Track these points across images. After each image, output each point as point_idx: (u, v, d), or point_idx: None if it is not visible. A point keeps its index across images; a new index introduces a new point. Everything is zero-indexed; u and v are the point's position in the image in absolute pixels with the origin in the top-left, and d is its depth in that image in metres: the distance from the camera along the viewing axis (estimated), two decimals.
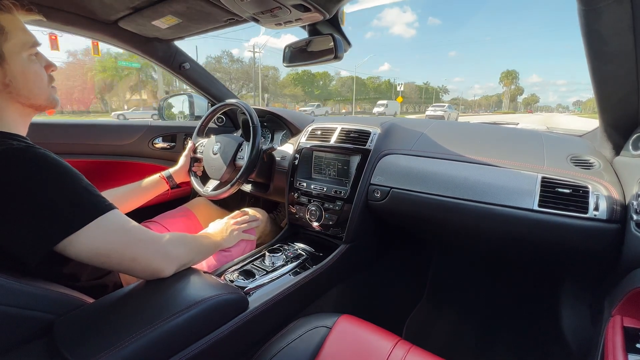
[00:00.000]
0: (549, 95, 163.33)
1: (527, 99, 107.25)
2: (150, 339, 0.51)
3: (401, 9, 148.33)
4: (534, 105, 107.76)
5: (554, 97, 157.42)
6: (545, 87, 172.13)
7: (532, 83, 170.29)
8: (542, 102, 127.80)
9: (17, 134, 0.61)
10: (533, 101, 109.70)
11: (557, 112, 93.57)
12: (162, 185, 1.14)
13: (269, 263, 0.96)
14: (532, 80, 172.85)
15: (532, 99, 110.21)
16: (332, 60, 0.98)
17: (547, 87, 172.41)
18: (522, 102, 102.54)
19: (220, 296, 0.62)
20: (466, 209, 0.87)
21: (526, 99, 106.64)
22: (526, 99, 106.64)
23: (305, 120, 1.40)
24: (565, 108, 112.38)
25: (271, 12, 0.88)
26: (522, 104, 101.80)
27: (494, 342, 1.25)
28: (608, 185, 0.74)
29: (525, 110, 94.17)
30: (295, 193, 1.18)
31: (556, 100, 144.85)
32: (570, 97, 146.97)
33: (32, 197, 0.51)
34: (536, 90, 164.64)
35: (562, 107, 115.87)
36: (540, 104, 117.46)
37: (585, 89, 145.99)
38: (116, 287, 0.77)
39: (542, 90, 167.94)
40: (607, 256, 0.72)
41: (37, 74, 0.63)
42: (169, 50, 1.40)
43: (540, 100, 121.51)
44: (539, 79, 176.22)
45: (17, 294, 0.49)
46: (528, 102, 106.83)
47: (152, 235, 0.62)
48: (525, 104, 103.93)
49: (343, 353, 0.61)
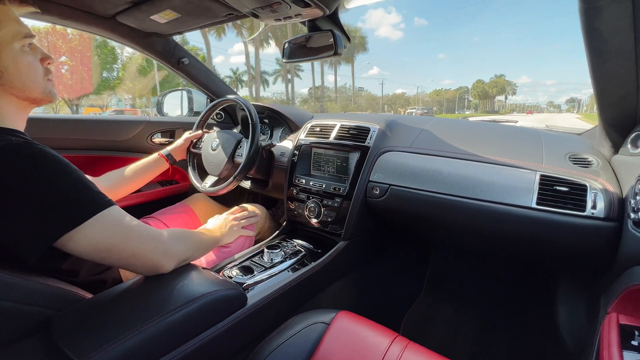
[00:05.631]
0: (538, 96, 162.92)
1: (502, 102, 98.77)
2: (149, 334, 0.51)
3: (385, 10, 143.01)
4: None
5: (544, 97, 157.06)
6: (535, 87, 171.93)
7: (522, 84, 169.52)
8: (532, 102, 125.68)
9: (15, 129, 0.60)
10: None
11: (547, 111, 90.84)
12: (162, 163, 1.15)
13: (268, 259, 0.97)
14: (522, 81, 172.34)
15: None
16: (332, 56, 0.98)
17: (536, 87, 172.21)
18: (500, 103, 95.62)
19: (219, 292, 0.62)
20: (465, 206, 0.87)
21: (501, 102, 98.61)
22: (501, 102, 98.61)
23: (305, 117, 1.39)
24: (557, 107, 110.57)
25: (271, 7, 0.87)
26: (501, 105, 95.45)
27: (491, 338, 1.26)
28: (606, 183, 0.75)
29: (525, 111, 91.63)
30: (294, 189, 1.18)
31: (546, 99, 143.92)
32: (560, 97, 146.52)
33: (31, 193, 0.51)
34: (526, 90, 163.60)
35: (554, 106, 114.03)
36: (529, 103, 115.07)
37: (574, 88, 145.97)
38: (115, 282, 0.77)
39: (531, 91, 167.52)
40: (604, 254, 0.72)
41: (31, 66, 0.62)
42: (167, 45, 1.39)
43: (530, 100, 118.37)
44: (529, 80, 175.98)
45: (16, 288, 0.49)
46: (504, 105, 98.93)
47: (151, 231, 0.62)
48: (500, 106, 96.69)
49: (341, 349, 0.62)
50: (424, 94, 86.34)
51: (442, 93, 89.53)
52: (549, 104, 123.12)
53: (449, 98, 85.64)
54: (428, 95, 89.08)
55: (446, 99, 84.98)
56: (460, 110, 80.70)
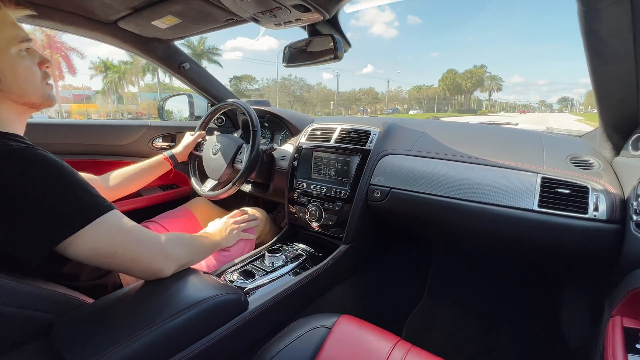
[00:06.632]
0: (530, 95, 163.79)
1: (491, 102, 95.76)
2: (150, 340, 0.51)
3: (379, 8, 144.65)
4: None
5: (536, 96, 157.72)
6: (527, 87, 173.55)
7: (514, 83, 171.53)
8: (524, 101, 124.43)
9: (15, 133, 0.60)
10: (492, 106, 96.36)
11: (539, 110, 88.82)
12: (165, 165, 1.17)
13: (269, 263, 0.96)
14: (514, 80, 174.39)
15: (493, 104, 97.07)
16: (332, 60, 0.98)
17: (529, 87, 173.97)
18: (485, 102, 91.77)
19: (220, 296, 0.62)
20: (466, 209, 0.87)
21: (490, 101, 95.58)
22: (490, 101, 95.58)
23: (305, 121, 1.40)
24: (549, 106, 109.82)
25: (271, 12, 0.88)
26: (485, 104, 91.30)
27: (493, 342, 1.25)
28: (608, 185, 0.74)
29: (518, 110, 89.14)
30: (295, 193, 1.18)
31: (538, 99, 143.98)
32: (552, 97, 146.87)
33: (32, 198, 0.50)
34: (518, 90, 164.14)
35: (546, 105, 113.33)
36: (521, 102, 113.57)
37: (565, 88, 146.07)
38: (116, 287, 0.77)
39: (524, 90, 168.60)
40: (607, 256, 0.72)
41: (29, 70, 0.61)
42: (168, 51, 1.40)
43: (522, 99, 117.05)
44: (521, 79, 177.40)
45: (17, 293, 0.49)
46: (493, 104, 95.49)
47: (151, 236, 0.62)
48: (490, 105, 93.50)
49: (342, 353, 0.61)
50: (399, 90, 77.84)
51: (423, 90, 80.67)
52: (540, 103, 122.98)
53: (430, 95, 76.88)
54: (407, 92, 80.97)
55: (426, 95, 76.29)
56: (445, 110, 72.46)
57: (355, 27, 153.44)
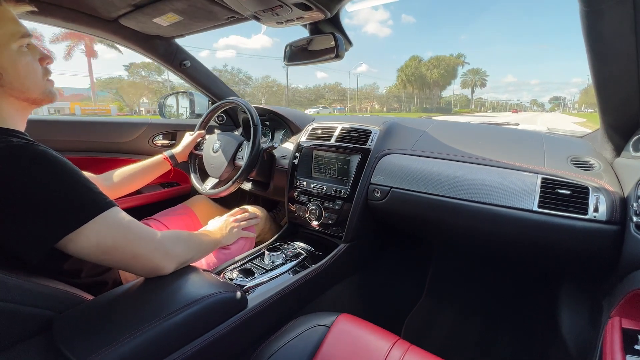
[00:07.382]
0: (523, 95, 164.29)
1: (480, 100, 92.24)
2: (150, 337, 0.51)
3: (373, 6, 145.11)
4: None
5: (529, 96, 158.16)
6: (519, 86, 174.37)
7: (507, 83, 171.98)
8: (516, 100, 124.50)
9: (16, 129, 0.60)
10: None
11: (530, 110, 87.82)
12: (165, 165, 1.17)
13: (269, 262, 0.96)
14: (507, 80, 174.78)
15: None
16: (333, 59, 0.98)
17: (521, 86, 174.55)
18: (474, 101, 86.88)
19: (220, 294, 0.62)
20: (466, 209, 0.87)
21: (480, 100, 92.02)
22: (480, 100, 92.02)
23: (306, 119, 1.40)
24: (541, 105, 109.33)
25: (272, 10, 0.88)
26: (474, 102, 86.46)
27: (492, 342, 1.25)
28: (608, 186, 0.74)
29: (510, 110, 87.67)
30: (295, 192, 1.18)
31: (530, 98, 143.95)
32: (544, 96, 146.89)
33: (33, 195, 0.51)
34: (511, 90, 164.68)
35: (537, 105, 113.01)
36: (513, 102, 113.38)
37: (557, 88, 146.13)
38: (115, 284, 0.77)
39: (517, 90, 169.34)
40: (607, 257, 0.72)
41: (29, 66, 0.61)
42: (169, 48, 1.39)
43: (514, 99, 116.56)
44: (514, 79, 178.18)
45: (17, 290, 0.49)
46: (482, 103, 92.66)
47: (152, 233, 0.62)
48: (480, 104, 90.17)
49: (341, 352, 0.62)
50: (375, 87, 70.96)
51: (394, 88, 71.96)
52: (532, 102, 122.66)
53: (410, 93, 68.91)
54: (387, 88, 73.53)
55: (405, 92, 68.33)
56: (427, 111, 63.74)
57: (350, 25, 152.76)
